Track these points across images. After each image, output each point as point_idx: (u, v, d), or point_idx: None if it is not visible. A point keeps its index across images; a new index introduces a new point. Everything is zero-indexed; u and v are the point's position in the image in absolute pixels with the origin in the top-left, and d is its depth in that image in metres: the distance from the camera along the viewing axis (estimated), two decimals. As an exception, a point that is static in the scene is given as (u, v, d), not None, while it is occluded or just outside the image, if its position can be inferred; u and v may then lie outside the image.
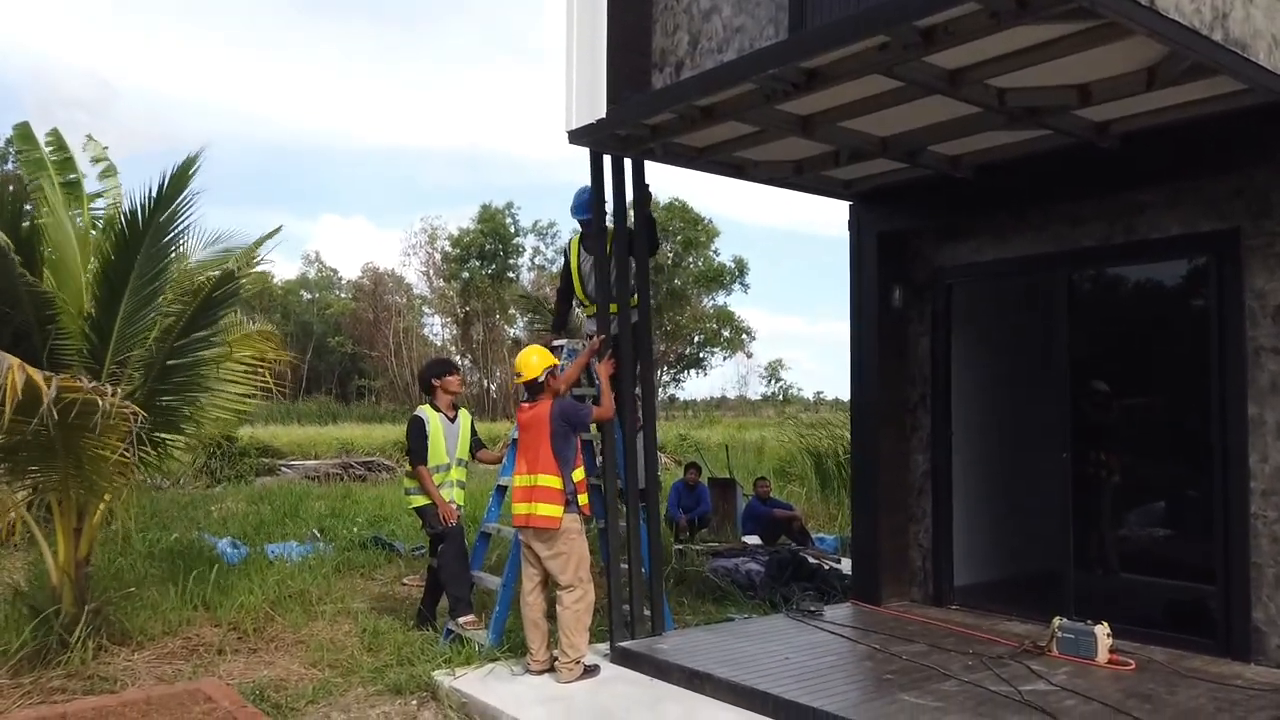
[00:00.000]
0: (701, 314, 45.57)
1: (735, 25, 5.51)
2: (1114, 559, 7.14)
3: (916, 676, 5.18)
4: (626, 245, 6.43)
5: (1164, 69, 4.60)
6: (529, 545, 5.65)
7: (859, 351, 7.38)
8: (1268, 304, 5.43)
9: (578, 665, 5.50)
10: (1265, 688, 4.97)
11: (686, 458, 17.86)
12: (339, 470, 19.42)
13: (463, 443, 6.88)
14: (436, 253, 50.43)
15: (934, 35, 4.20)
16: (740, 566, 8.70)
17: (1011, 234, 6.74)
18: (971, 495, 7.38)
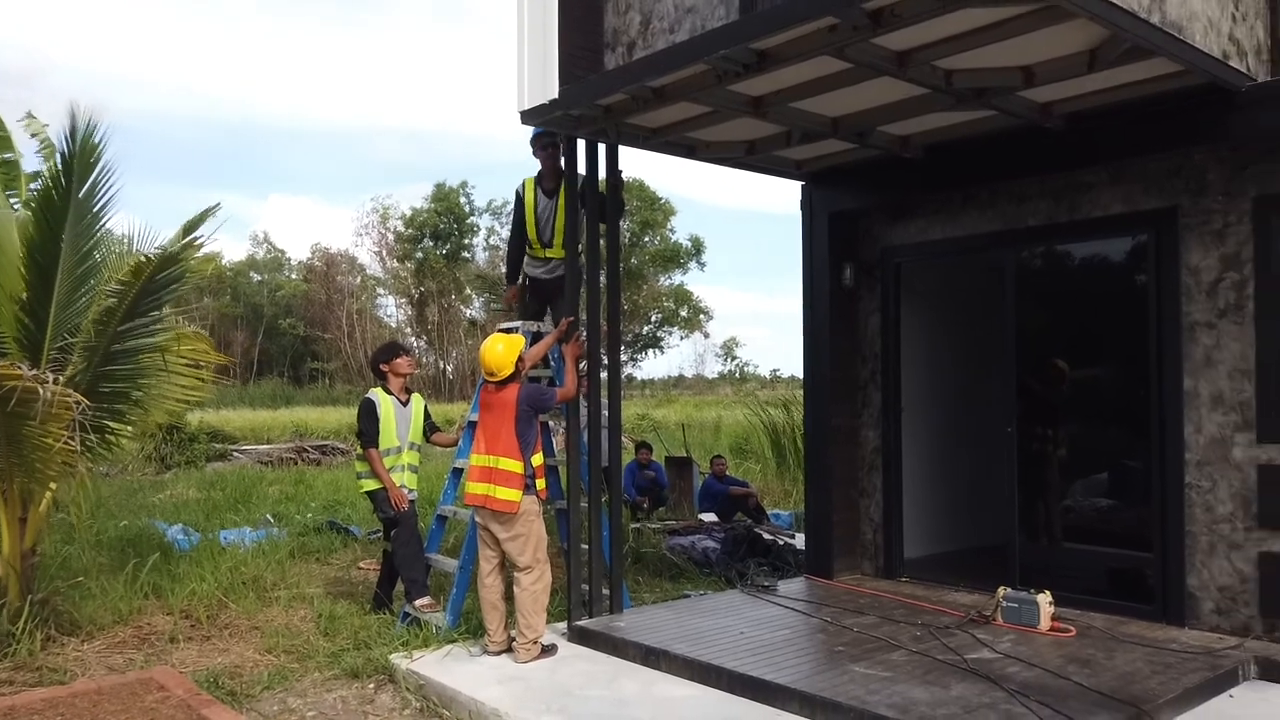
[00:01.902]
0: (659, 293, 45.63)
1: (687, 6, 5.50)
2: (1058, 529, 7.34)
3: (867, 648, 5.31)
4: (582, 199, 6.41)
5: (1104, 51, 4.70)
6: (486, 527, 5.66)
7: (811, 330, 7.47)
8: (1202, 280, 5.61)
9: (535, 645, 5.53)
10: (1198, 650, 5.17)
11: (643, 437, 17.95)
12: (293, 454, 19.19)
13: (415, 426, 6.85)
14: (389, 233, 49.76)
15: (881, 17, 4.24)
16: (697, 544, 8.80)
17: (959, 213, 6.85)
18: (921, 470, 7.54)
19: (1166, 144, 5.47)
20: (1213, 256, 5.56)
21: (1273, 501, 5.30)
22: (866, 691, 4.56)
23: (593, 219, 6.38)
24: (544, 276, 7.04)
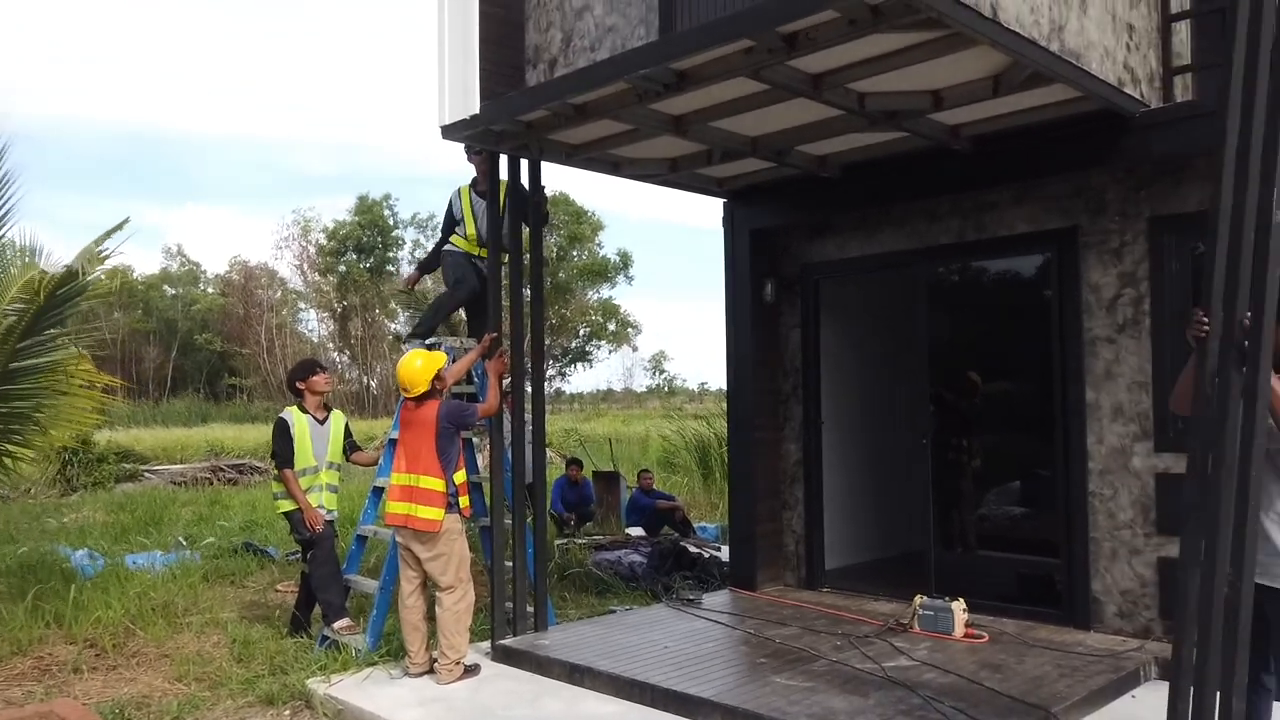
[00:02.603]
0: (587, 307, 45.60)
1: (607, 25, 5.55)
2: (972, 537, 7.57)
3: (789, 659, 5.38)
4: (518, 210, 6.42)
5: (1007, 76, 4.89)
6: (407, 547, 5.57)
7: (734, 345, 7.57)
8: (1102, 296, 5.86)
9: (458, 666, 5.46)
10: (1103, 653, 5.38)
11: (572, 452, 17.90)
12: (208, 474, 18.59)
13: (334, 445, 6.70)
14: (311, 245, 48.69)
15: (796, 40, 4.35)
16: (623, 558, 8.80)
17: (875, 230, 7.04)
18: (841, 481, 7.69)
19: (1067, 166, 5.71)
20: (1111, 274, 5.82)
21: (1170, 508, 5.55)
22: (788, 703, 4.62)
23: (515, 232, 6.37)
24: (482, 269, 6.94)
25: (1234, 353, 3.10)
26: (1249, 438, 3.01)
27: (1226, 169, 3.16)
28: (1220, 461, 3.03)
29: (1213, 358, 3.16)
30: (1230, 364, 3.12)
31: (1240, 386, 3.07)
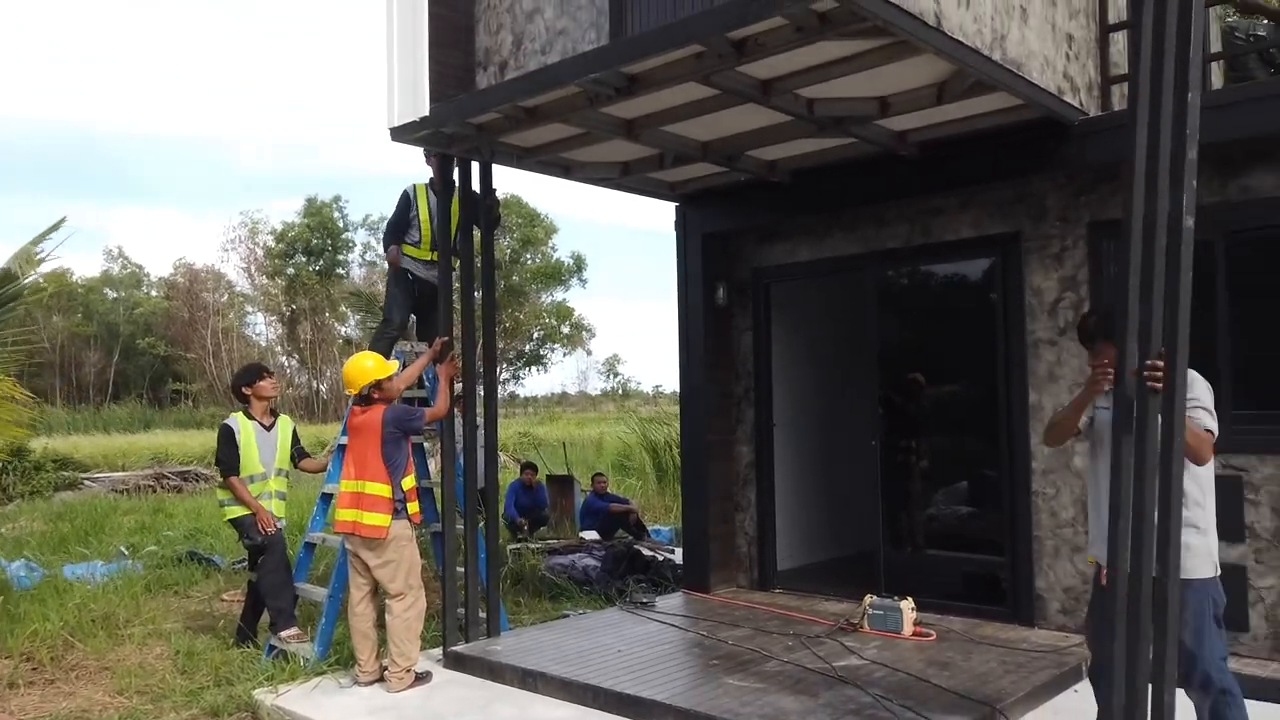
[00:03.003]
0: (540, 310, 45.43)
1: (558, 28, 5.55)
2: (921, 537, 7.68)
3: (741, 660, 5.41)
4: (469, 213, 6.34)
5: (952, 84, 4.99)
6: (356, 554, 5.50)
7: (687, 348, 7.61)
8: (1044, 300, 6.00)
9: (409, 673, 5.40)
10: (1047, 649, 5.49)
11: (526, 456, 17.81)
12: (151, 482, 18.14)
13: (282, 451, 6.58)
14: (258, 247, 47.83)
15: (745, 46, 4.39)
16: (577, 562, 8.78)
17: (825, 235, 7.12)
18: (793, 483, 7.76)
19: (1009, 172, 5.84)
20: (1053, 278, 5.96)
21: (1109, 506, 5.69)
22: (740, 704, 4.64)
23: (467, 235, 6.33)
24: (429, 279, 6.77)
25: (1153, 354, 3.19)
26: (1170, 436, 3.10)
27: (1137, 178, 3.27)
28: (1143, 461, 3.12)
29: (1131, 359, 3.25)
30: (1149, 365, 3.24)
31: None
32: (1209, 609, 3.61)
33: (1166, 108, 3.19)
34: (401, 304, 6.85)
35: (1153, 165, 3.21)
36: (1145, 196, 3.22)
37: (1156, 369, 3.17)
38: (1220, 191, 5.39)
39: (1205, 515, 3.66)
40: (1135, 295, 3.24)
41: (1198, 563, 3.59)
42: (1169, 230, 3.15)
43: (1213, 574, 3.63)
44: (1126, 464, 3.19)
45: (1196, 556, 3.57)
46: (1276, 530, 5.18)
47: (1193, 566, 3.56)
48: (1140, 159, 3.25)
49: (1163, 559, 3.03)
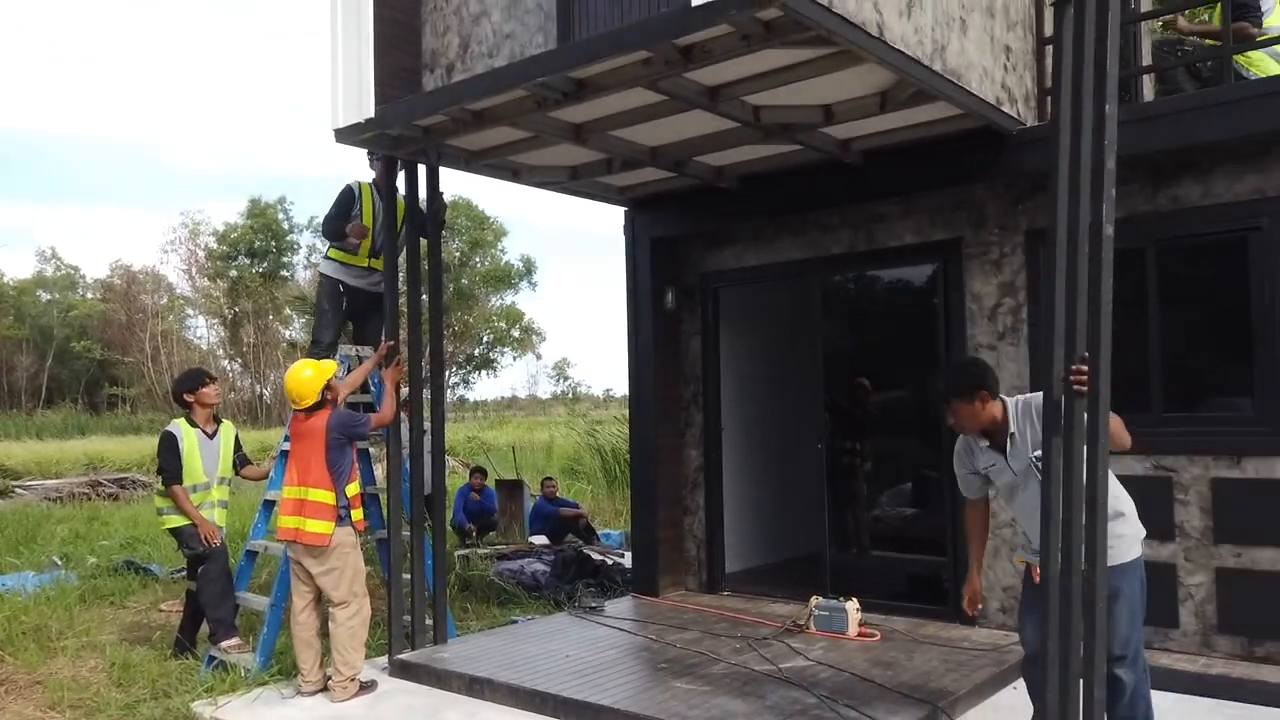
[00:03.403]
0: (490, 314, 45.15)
1: (505, 31, 5.53)
2: (866, 538, 7.81)
3: (689, 663, 5.43)
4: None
5: (894, 93, 5.08)
6: (299, 562, 5.41)
7: (636, 352, 7.62)
8: (984, 305, 6.14)
9: (353, 682, 5.33)
10: (987, 647, 5.61)
11: (475, 461, 17.67)
12: (87, 489, 17.64)
13: (224, 459, 6.44)
14: (199, 249, 46.78)
15: (692, 53, 4.42)
16: (526, 568, 8.73)
17: (772, 240, 7.19)
18: (741, 486, 7.82)
19: (950, 180, 5.96)
20: (992, 284, 6.10)
21: (1046, 506, 5.84)
22: (687, 707, 4.66)
23: (414, 238, 6.27)
24: (364, 287, 6.66)
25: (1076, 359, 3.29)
26: (1095, 438, 3.20)
27: (1061, 187, 3.37)
28: (1070, 461, 3.21)
29: (1059, 364, 3.35)
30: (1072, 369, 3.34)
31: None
32: (1140, 590, 3.82)
33: (1087, 119, 3.28)
34: (331, 322, 6.63)
35: (1074, 175, 3.31)
36: (1069, 205, 3.31)
37: (1081, 373, 3.27)
38: (1151, 201, 5.57)
39: (1127, 500, 3.85)
40: (1062, 301, 3.34)
41: (1127, 546, 3.79)
42: (1091, 238, 3.25)
43: (1140, 554, 3.85)
44: (1055, 465, 3.28)
45: (1125, 541, 3.77)
46: (1205, 529, 5.35)
47: (1125, 550, 3.76)
48: (1063, 169, 3.35)
49: (1090, 556, 3.13)
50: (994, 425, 3.89)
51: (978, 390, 3.83)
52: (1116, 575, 3.73)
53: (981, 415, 3.86)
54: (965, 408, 3.86)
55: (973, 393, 3.84)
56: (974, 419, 3.88)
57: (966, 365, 4.08)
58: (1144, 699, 3.84)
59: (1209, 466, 5.34)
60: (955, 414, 3.91)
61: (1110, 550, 3.64)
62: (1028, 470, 3.80)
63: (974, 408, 3.85)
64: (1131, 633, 3.77)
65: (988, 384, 3.87)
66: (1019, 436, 3.84)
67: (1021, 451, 3.83)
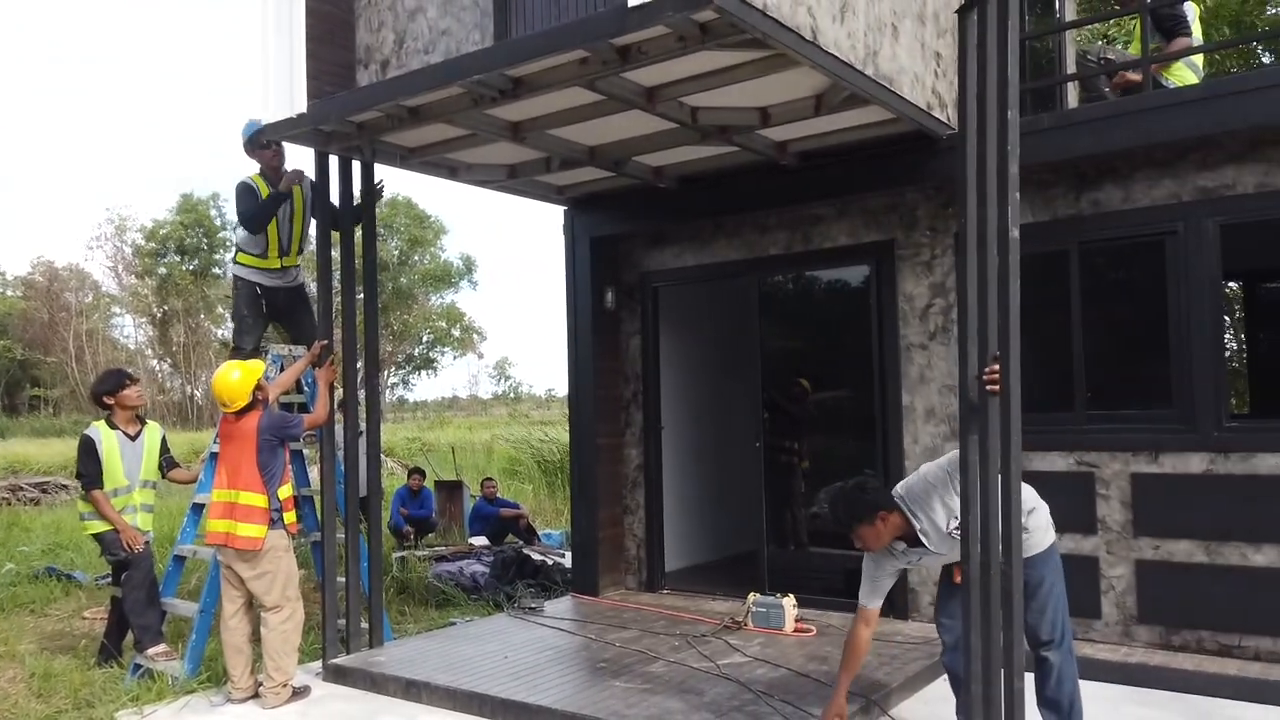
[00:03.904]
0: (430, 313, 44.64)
1: (441, 28, 5.47)
2: (804, 535, 7.91)
3: (628, 662, 5.45)
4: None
5: (828, 97, 5.16)
6: (230, 566, 5.28)
7: (575, 351, 7.61)
8: (916, 306, 6.27)
9: (285, 688, 5.22)
10: (919, 640, 5.73)
11: (415, 461, 17.46)
12: (6, 494, 16.99)
13: (149, 462, 6.26)
14: (126, 246, 45.35)
15: (629, 53, 4.42)
16: (465, 569, 8.66)
17: (710, 241, 7.25)
18: (681, 485, 7.87)
19: (883, 183, 6.08)
20: (924, 285, 6.23)
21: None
22: (625, 705, 4.68)
23: (347, 235, 6.17)
24: (282, 285, 6.48)
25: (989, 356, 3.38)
26: (1007, 435, 3.28)
27: (969, 191, 3.46)
28: (985, 456, 3.30)
29: (973, 364, 3.44)
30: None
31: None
32: (1059, 574, 3.97)
33: (991, 125, 3.37)
34: (252, 328, 6.41)
35: (981, 179, 3.40)
36: (977, 209, 3.40)
37: (993, 373, 3.36)
38: (1074, 205, 5.75)
39: (1031, 492, 3.96)
40: (974, 302, 3.42)
41: (1041, 535, 3.94)
42: (999, 241, 3.33)
43: (1054, 540, 4.00)
44: (972, 462, 3.37)
45: (1039, 531, 3.92)
46: (1125, 523, 5.55)
47: (1040, 539, 3.92)
48: (970, 174, 3.44)
49: (1007, 551, 3.22)
50: (901, 530, 3.92)
51: (876, 511, 3.87)
52: (1039, 564, 3.89)
53: (884, 531, 3.89)
54: (869, 530, 3.89)
55: (872, 515, 3.87)
56: (879, 538, 3.91)
57: (856, 492, 3.93)
58: (1071, 680, 3.97)
59: (1129, 462, 5.53)
60: (861, 538, 3.93)
61: (1027, 541, 3.76)
62: (951, 543, 3.84)
63: (876, 528, 3.88)
64: (1057, 617, 3.92)
65: (882, 502, 3.89)
66: (929, 525, 3.87)
67: (936, 535, 3.87)
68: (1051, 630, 3.90)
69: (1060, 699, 3.96)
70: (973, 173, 3.43)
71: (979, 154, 3.40)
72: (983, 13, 3.38)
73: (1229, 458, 5.25)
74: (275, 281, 6.44)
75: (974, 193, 3.42)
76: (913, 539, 3.94)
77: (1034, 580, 3.86)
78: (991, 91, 3.34)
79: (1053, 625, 3.91)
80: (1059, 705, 3.96)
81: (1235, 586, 5.19)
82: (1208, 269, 5.34)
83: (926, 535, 3.89)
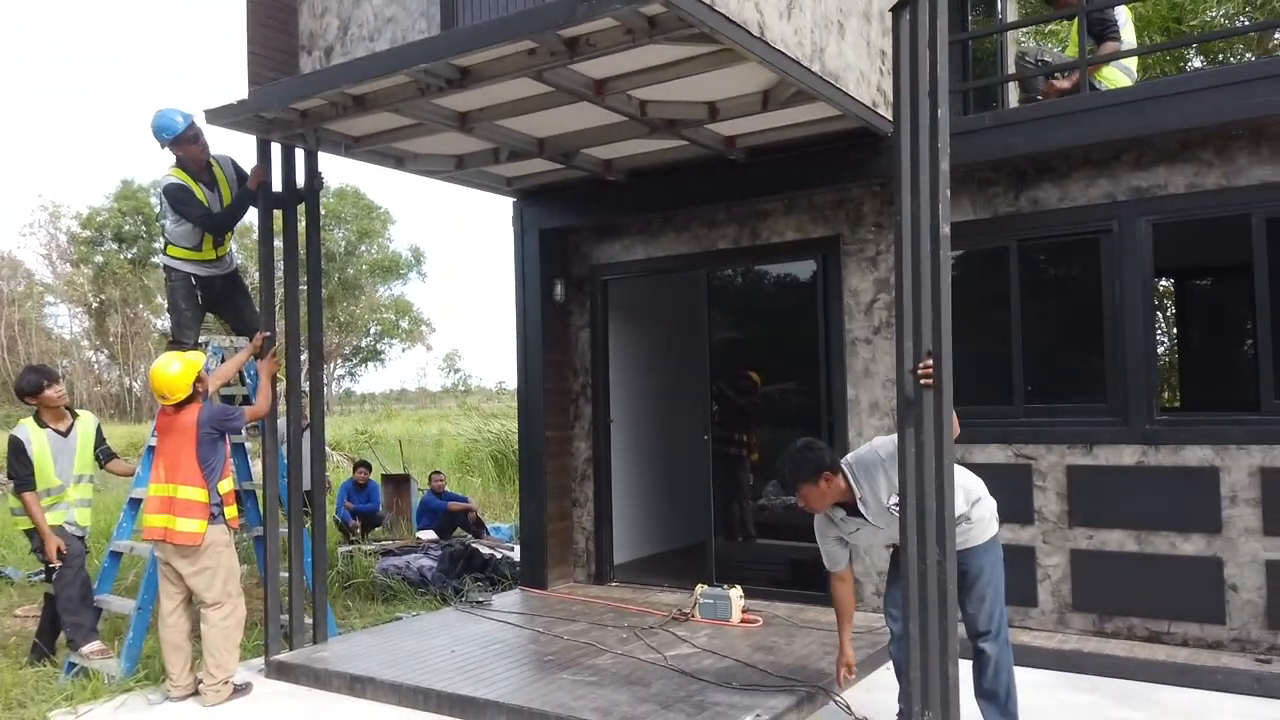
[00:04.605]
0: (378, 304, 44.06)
1: (387, 15, 5.40)
2: (751, 527, 7.97)
3: (576, 654, 5.45)
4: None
5: (775, 93, 5.20)
6: (168, 563, 5.17)
7: (524, 344, 7.58)
8: (861, 301, 6.36)
9: (226, 685, 5.13)
10: (862, 630, 5.81)
11: (361, 455, 17.24)
12: (-68, 490, 16.37)
13: (82, 456, 6.08)
14: (61, 233, 44.02)
15: (577, 45, 4.41)
16: (412, 563, 8.58)
17: (659, 234, 7.27)
18: (630, 478, 7.89)
19: (829, 179, 6.15)
20: (868, 280, 6.32)
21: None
22: (573, 698, 4.68)
23: (290, 225, 6.05)
24: (218, 274, 6.29)
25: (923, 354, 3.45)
26: (939, 427, 3.36)
27: (904, 188, 3.53)
28: (920, 449, 3.37)
29: (908, 358, 3.51)
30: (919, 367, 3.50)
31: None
32: (999, 565, 4.05)
33: (923, 124, 3.43)
34: (192, 322, 6.18)
35: (915, 177, 3.47)
36: (910, 206, 3.46)
37: (927, 368, 3.43)
38: (1014, 203, 5.87)
39: (978, 484, 4.07)
40: (909, 297, 3.49)
41: (984, 527, 4.01)
42: (931, 237, 3.40)
43: (995, 533, 4.07)
44: (908, 454, 3.44)
45: (982, 523, 4.00)
46: (1061, 513, 5.70)
47: (982, 531, 3.99)
48: (904, 171, 3.51)
49: (940, 542, 3.29)
50: (843, 496, 4.03)
51: (820, 472, 3.97)
52: (979, 554, 3.97)
53: (828, 493, 4.00)
54: (812, 490, 3.99)
55: (816, 475, 3.97)
56: (822, 498, 4.02)
57: (804, 451, 4.04)
58: (1007, 670, 4.07)
59: (1064, 455, 5.68)
60: (804, 498, 4.04)
61: (969, 531, 3.85)
62: (889, 518, 3.94)
63: (820, 488, 3.98)
64: (995, 608, 4.00)
65: (826, 463, 3.99)
66: (869, 494, 3.98)
67: (875, 506, 3.98)
68: (989, 621, 4.00)
69: (997, 689, 4.05)
70: (906, 170, 3.48)
71: (912, 151, 3.45)
72: (914, 12, 3.43)
73: (1159, 450, 5.42)
74: (210, 271, 6.25)
75: (908, 189, 3.48)
76: (852, 507, 4.02)
77: (974, 570, 3.95)
78: (923, 89, 3.39)
79: (990, 616, 4.00)
80: (995, 695, 4.05)
81: (1164, 574, 5.37)
82: (1140, 267, 5.50)
83: (865, 504, 3.97)
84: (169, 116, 5.84)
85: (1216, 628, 5.24)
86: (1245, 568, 5.18)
